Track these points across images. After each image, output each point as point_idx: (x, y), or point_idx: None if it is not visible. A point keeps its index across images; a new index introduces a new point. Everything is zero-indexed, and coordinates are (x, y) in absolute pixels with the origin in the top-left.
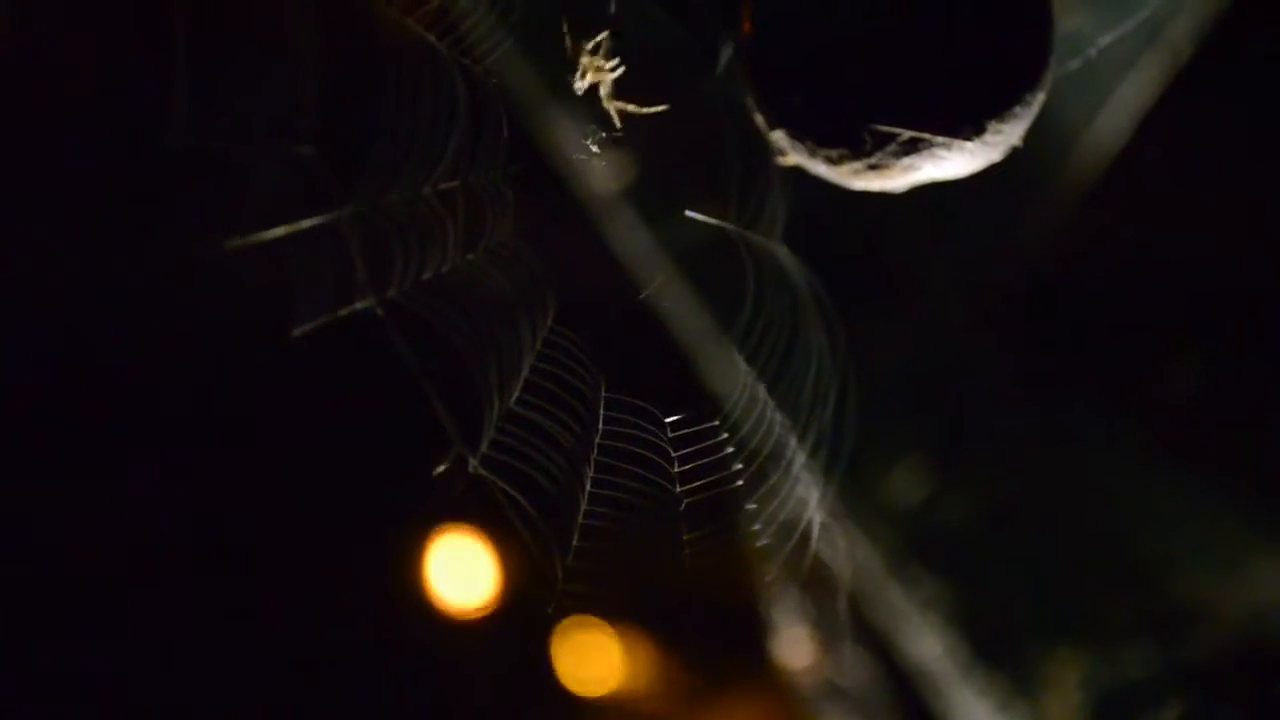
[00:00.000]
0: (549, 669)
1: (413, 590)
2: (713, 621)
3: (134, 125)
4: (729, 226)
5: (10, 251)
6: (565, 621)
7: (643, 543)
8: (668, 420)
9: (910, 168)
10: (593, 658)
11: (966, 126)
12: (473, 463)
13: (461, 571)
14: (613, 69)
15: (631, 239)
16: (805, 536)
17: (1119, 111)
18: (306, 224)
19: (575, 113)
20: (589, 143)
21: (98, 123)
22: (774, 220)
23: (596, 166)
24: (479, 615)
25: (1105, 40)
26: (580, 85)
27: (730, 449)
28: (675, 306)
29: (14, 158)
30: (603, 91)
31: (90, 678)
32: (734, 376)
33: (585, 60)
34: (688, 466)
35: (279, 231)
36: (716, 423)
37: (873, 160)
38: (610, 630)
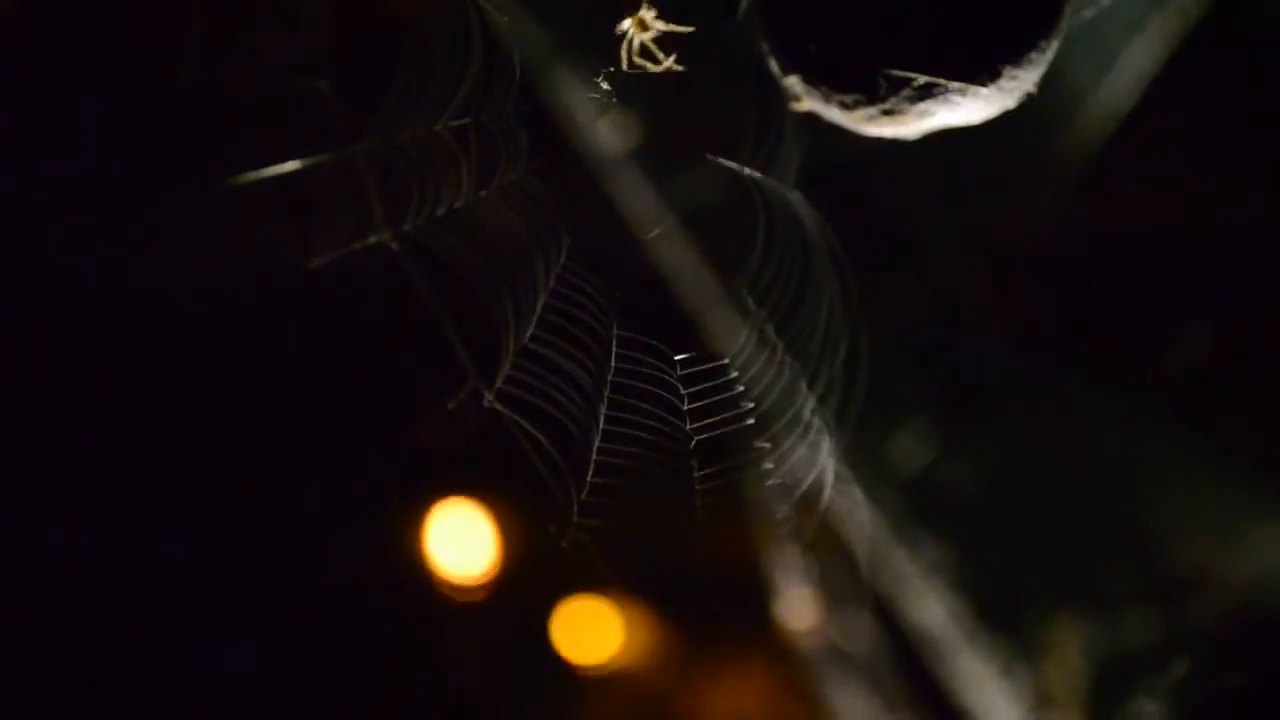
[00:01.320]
0: (548, 640)
1: (412, 561)
2: (714, 585)
3: (152, 61)
4: (743, 170)
5: (30, 184)
6: (565, 596)
7: (656, 479)
8: (678, 358)
9: (925, 113)
10: (592, 628)
11: (982, 72)
12: (488, 396)
13: (461, 542)
14: (657, 29)
15: (643, 182)
16: (818, 481)
17: (1127, 74)
18: (320, 159)
19: (587, 53)
20: (601, 82)
21: (115, 57)
22: (787, 167)
23: (608, 109)
24: (479, 586)
25: None
26: (624, 27)
27: (740, 388)
28: (686, 248)
29: (35, 93)
30: (635, 41)
31: (82, 656)
32: (744, 319)
33: (642, 13)
34: (699, 404)
35: (290, 166)
36: (726, 361)
37: (887, 106)
38: (609, 600)
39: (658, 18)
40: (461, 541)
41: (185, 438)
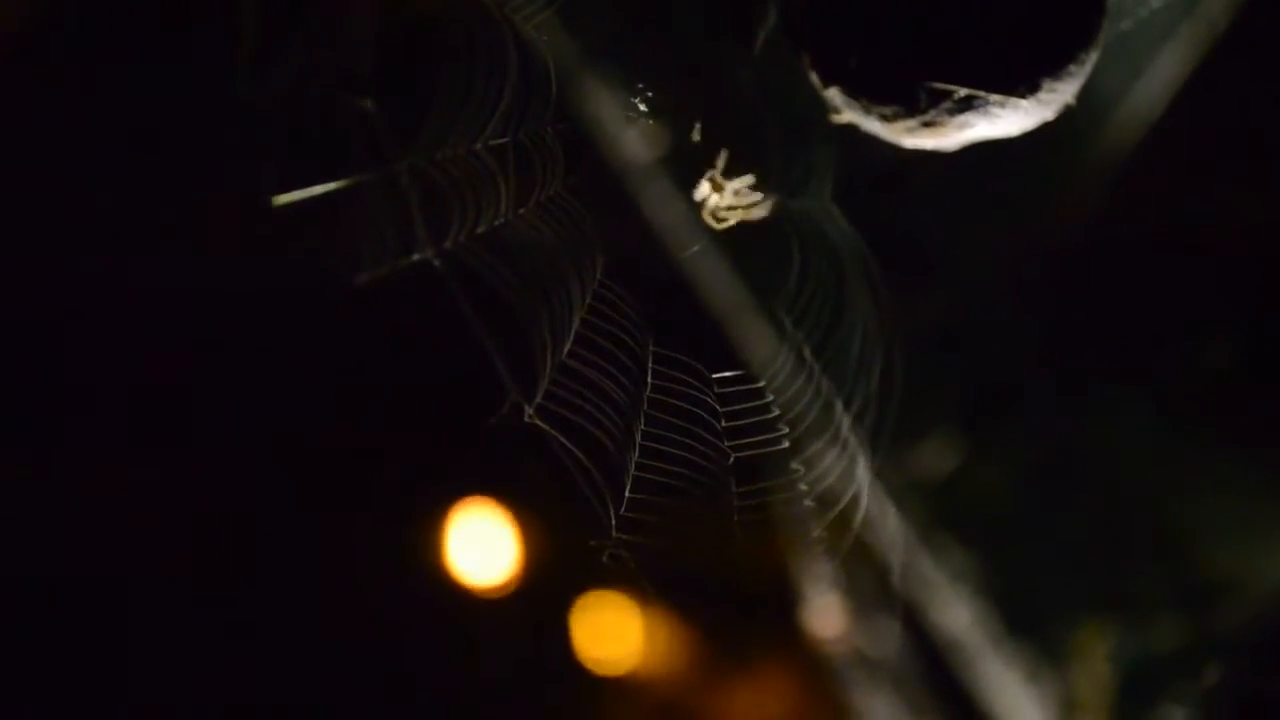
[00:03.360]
0: (571, 643)
1: (434, 565)
2: (740, 589)
3: (200, 77)
4: (773, 195)
5: (74, 195)
6: (584, 598)
7: (693, 496)
8: (715, 377)
9: (964, 125)
10: (613, 634)
11: (1021, 84)
12: (528, 411)
13: (483, 547)
14: (744, 199)
15: (675, 200)
16: (853, 500)
17: (1155, 81)
18: (363, 178)
19: (620, 75)
20: (637, 101)
21: (161, 70)
22: (824, 181)
23: (641, 128)
24: (499, 591)
25: (1159, 2)
26: (702, 192)
27: (776, 410)
28: (720, 266)
29: (84, 106)
30: (712, 202)
31: (97, 664)
32: (779, 337)
33: (726, 185)
34: (735, 424)
35: (335, 185)
36: (763, 382)
37: (927, 118)
38: (631, 605)
39: (728, 179)
40: (484, 543)
41: (216, 439)
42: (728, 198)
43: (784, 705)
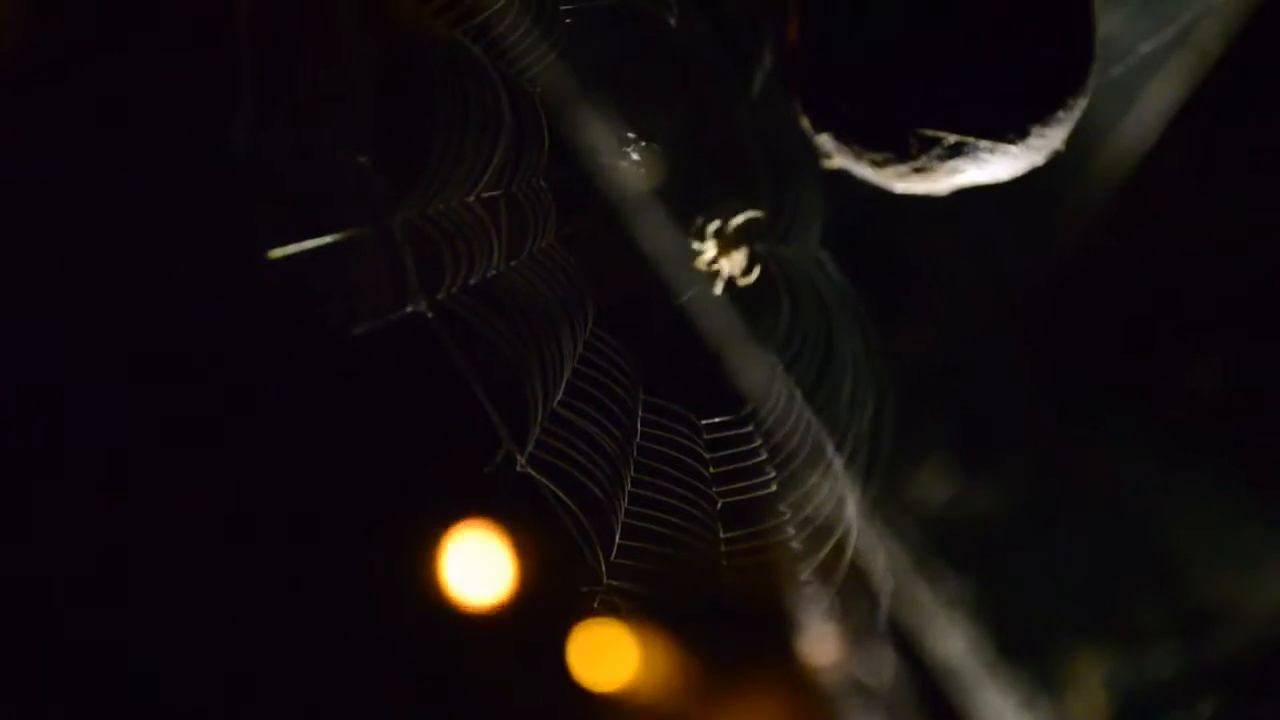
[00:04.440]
0: (565, 666)
1: (429, 586)
2: (736, 619)
3: (194, 133)
4: (758, 247)
5: (66, 249)
6: (580, 620)
7: (682, 541)
8: (703, 423)
9: (954, 171)
10: (609, 656)
11: (1010, 130)
12: (520, 461)
13: (478, 567)
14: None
15: (668, 244)
16: (842, 540)
17: (1147, 111)
18: (357, 232)
19: (612, 118)
20: (630, 150)
21: (157, 124)
22: (813, 227)
23: (634, 172)
24: (494, 611)
25: (1146, 47)
26: (705, 258)
27: (765, 454)
28: (712, 311)
29: (80, 162)
30: (725, 270)
31: (102, 668)
32: (770, 381)
33: (727, 249)
34: (723, 469)
35: (326, 240)
36: (751, 428)
37: (918, 164)
38: (627, 628)
39: (736, 244)
40: (478, 567)
41: (214, 463)
42: (736, 265)
43: None
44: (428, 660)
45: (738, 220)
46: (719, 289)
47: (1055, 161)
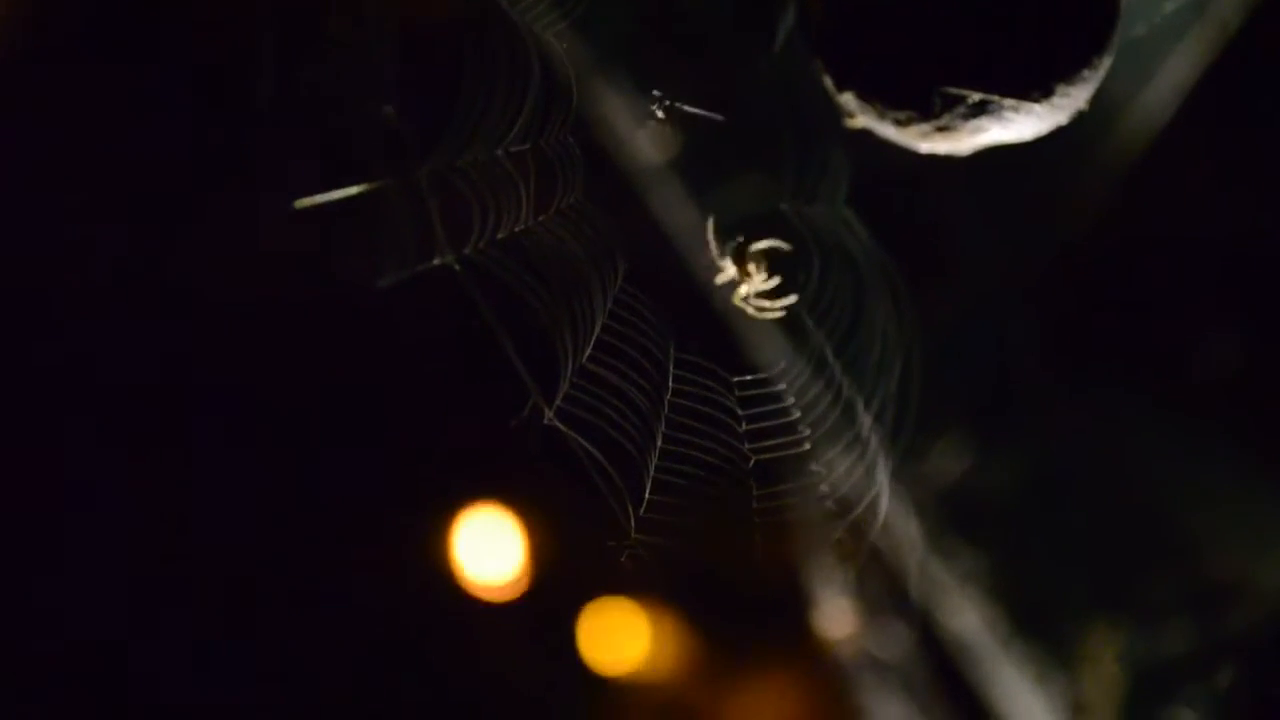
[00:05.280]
0: (575, 649)
1: (441, 565)
2: (749, 591)
3: (221, 81)
4: (783, 205)
5: (90, 199)
6: (593, 602)
7: (713, 498)
8: (735, 381)
9: (978, 130)
10: (621, 637)
11: (1035, 89)
12: (548, 414)
13: (490, 549)
14: (764, 278)
15: (693, 206)
16: (874, 500)
17: (1166, 83)
18: (385, 182)
19: (636, 82)
20: (654, 109)
21: (183, 75)
22: (839, 187)
23: (658, 135)
24: (506, 594)
25: (1171, 5)
26: (725, 276)
27: (797, 413)
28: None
29: (102, 115)
30: (744, 291)
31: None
32: (800, 342)
33: (746, 267)
34: (755, 426)
35: (356, 189)
36: (783, 386)
37: (941, 122)
38: (639, 609)
39: (757, 266)
40: (491, 546)
41: (220, 437)
42: (755, 286)
43: (794, 707)
44: (438, 643)
45: (759, 246)
46: (738, 301)
47: (1074, 134)
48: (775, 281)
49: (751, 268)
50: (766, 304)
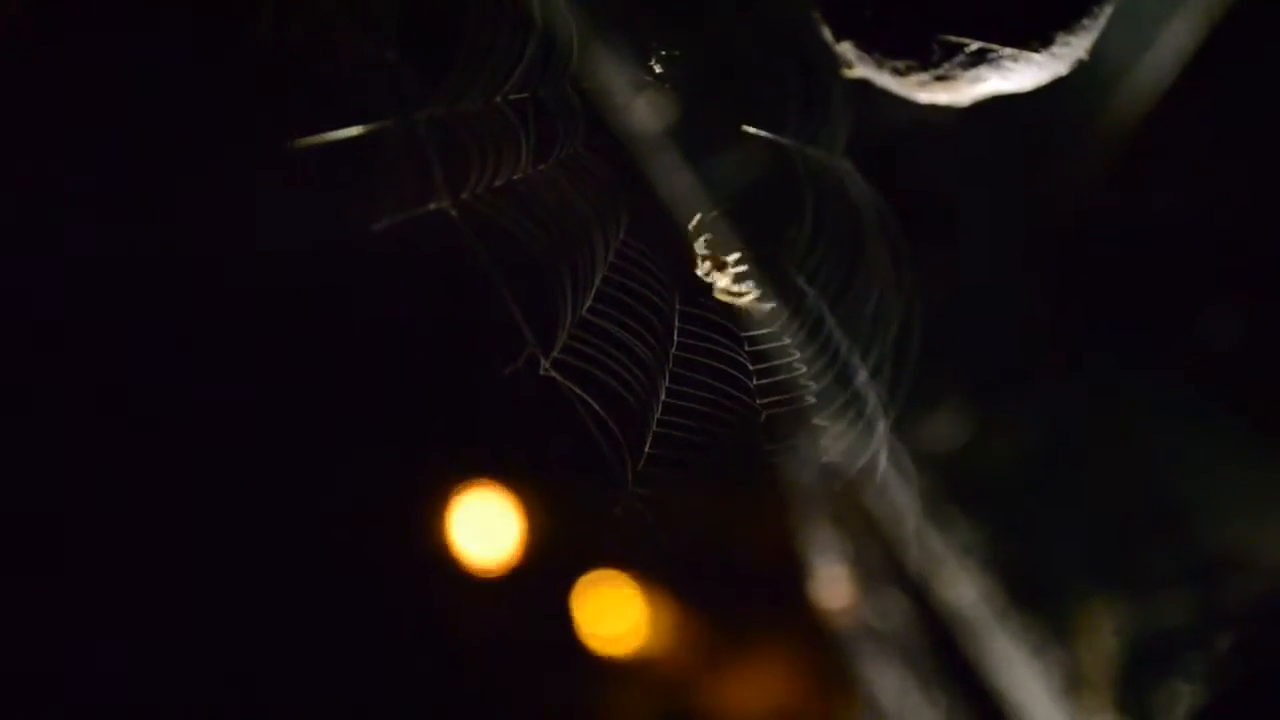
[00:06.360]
0: (571, 627)
1: (437, 543)
2: (746, 563)
3: (220, 22)
4: (787, 142)
5: (89, 142)
6: (587, 577)
7: (714, 452)
8: (742, 335)
9: (977, 79)
10: (616, 613)
11: (1034, 38)
12: (544, 364)
13: (485, 528)
14: (736, 269)
15: (691, 160)
16: (873, 459)
17: (1166, 52)
18: (383, 124)
19: (625, 31)
20: (653, 64)
21: (182, 15)
22: (836, 136)
23: (655, 89)
24: (500, 572)
25: None
26: (704, 270)
27: (801, 367)
28: (739, 225)
29: (103, 52)
30: (720, 282)
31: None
32: (798, 295)
33: (718, 265)
34: (763, 381)
35: (353, 131)
36: (788, 340)
37: (940, 71)
38: (634, 584)
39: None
40: (486, 525)
41: (216, 409)
42: (726, 280)
43: (790, 678)
44: (433, 622)
45: (730, 258)
46: (718, 294)
47: (1072, 101)
48: (743, 269)
49: (720, 268)
50: (738, 291)
